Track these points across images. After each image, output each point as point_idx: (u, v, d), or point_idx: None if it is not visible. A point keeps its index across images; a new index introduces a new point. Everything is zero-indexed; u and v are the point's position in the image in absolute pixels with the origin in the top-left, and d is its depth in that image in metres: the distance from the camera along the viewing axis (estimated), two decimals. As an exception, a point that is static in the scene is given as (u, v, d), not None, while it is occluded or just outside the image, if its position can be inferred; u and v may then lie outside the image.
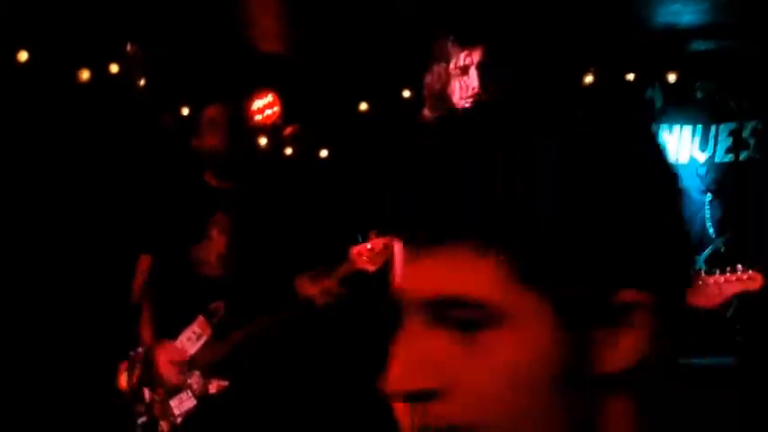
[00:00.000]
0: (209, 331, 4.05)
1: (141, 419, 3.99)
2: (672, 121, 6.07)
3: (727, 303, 2.51)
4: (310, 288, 4.08)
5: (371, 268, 3.88)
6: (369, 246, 3.89)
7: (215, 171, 4.20)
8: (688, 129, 6.02)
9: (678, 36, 5.56)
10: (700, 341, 5.32)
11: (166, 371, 4.01)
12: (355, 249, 3.95)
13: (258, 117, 6.24)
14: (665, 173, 0.92)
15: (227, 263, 4.16)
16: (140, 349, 4.10)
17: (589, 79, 5.98)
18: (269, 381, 4.27)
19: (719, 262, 5.78)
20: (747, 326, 5.43)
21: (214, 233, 4.18)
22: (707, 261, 5.84)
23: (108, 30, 5.29)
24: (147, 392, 4.03)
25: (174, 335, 4.08)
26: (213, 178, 4.22)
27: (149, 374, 4.04)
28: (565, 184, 0.85)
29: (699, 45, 5.72)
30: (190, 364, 4.04)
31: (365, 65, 5.93)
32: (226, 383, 4.01)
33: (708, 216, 5.87)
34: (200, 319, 4.06)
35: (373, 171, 6.16)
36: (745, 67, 5.69)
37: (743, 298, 5.10)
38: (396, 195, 0.90)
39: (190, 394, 4.00)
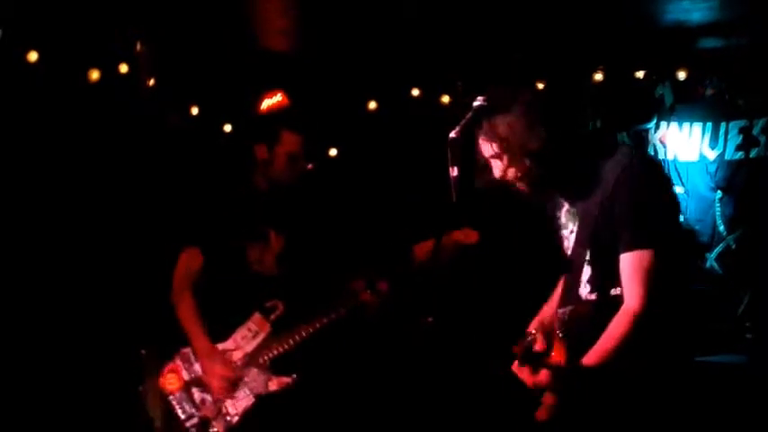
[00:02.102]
0: (267, 328, 4.01)
1: (191, 421, 3.92)
2: (682, 119, 6.05)
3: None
4: (363, 293, 4.08)
5: (439, 263, 3.94)
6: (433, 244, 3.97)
7: (269, 180, 4.17)
8: (698, 126, 6.00)
9: (687, 33, 5.55)
10: (710, 339, 5.31)
11: (218, 385, 3.93)
12: (419, 247, 4.03)
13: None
14: None
15: (284, 263, 4.13)
16: (186, 349, 4.04)
17: (599, 77, 5.97)
18: (332, 378, 4.24)
19: (730, 259, 5.78)
20: (757, 324, 5.42)
21: (272, 234, 4.14)
22: (718, 258, 5.83)
23: (117, 30, 5.30)
24: (196, 393, 3.97)
25: (226, 332, 4.03)
26: (264, 183, 4.18)
27: (201, 376, 3.98)
28: None
29: (708, 42, 5.70)
30: (246, 361, 3.99)
31: (373, 63, 5.93)
32: (288, 380, 3.97)
33: (718, 213, 5.86)
34: (257, 316, 4.03)
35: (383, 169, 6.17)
36: (754, 65, 5.67)
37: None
38: None
39: (248, 392, 3.95)
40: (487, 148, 2.92)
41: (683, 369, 2.84)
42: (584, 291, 2.90)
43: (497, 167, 2.94)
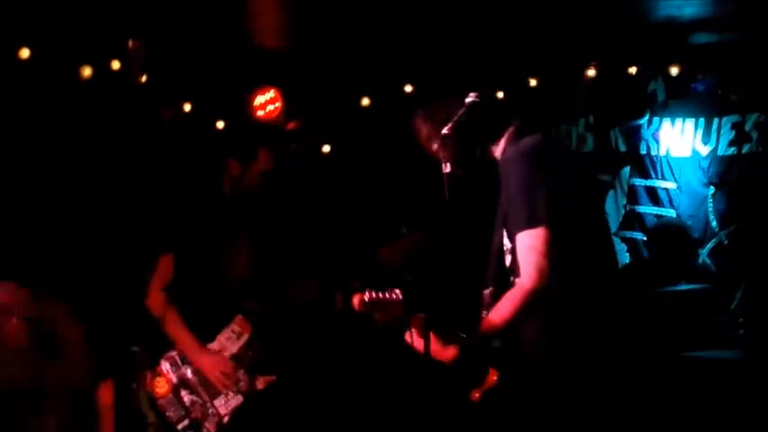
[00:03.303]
0: (249, 330, 4.03)
1: (182, 424, 3.92)
2: (674, 115, 6.06)
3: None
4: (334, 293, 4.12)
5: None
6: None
7: (234, 189, 4.17)
8: (691, 122, 6.01)
9: (680, 29, 5.56)
10: (703, 335, 5.33)
11: (218, 380, 3.95)
12: (385, 250, 4.05)
13: (260, 113, 6.24)
14: None
15: (255, 266, 4.14)
16: (172, 353, 4.02)
17: (591, 73, 5.98)
18: (314, 374, 4.26)
19: (723, 255, 5.79)
20: (750, 319, 5.43)
21: (242, 239, 4.15)
22: (710, 254, 5.84)
23: (110, 27, 5.29)
24: (185, 395, 3.97)
25: (208, 335, 4.02)
26: (229, 190, 4.17)
27: (188, 378, 3.99)
28: None
29: (701, 38, 5.71)
30: (233, 361, 4.00)
31: (366, 60, 5.93)
32: (273, 378, 4.00)
33: (711, 209, 5.87)
34: (239, 318, 4.03)
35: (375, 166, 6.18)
36: (747, 60, 5.68)
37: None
38: None
39: (236, 392, 3.97)
40: None
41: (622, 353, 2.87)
42: (511, 277, 2.98)
43: None
